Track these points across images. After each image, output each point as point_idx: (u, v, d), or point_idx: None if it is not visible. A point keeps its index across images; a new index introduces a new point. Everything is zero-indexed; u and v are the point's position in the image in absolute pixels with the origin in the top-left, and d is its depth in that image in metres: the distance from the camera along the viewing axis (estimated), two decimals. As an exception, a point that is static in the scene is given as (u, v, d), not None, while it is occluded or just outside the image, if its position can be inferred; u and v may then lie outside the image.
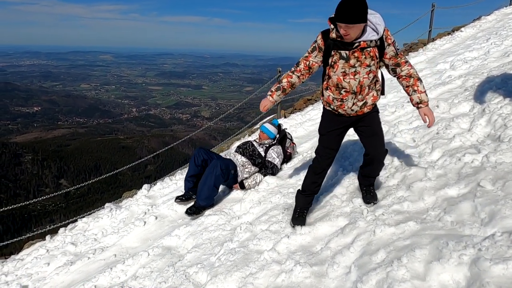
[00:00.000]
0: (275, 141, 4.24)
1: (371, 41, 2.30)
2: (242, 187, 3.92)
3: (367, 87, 2.44)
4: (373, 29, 2.28)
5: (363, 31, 2.26)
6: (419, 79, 2.52)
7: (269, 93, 2.72)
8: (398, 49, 2.46)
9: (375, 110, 2.61)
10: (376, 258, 2.01)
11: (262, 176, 3.94)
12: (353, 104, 2.48)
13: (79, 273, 3.51)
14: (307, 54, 2.53)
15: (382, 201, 2.70)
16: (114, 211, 4.39)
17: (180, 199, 3.97)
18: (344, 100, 2.47)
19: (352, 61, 2.35)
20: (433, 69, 6.33)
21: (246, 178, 3.95)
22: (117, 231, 4.02)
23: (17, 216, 48.60)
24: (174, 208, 4.12)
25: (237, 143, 5.91)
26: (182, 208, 4.08)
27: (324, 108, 2.68)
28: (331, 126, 2.62)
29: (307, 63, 2.54)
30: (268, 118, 7.74)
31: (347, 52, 2.34)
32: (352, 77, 2.38)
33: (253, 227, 3.05)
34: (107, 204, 4.69)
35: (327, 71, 2.50)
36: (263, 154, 4.08)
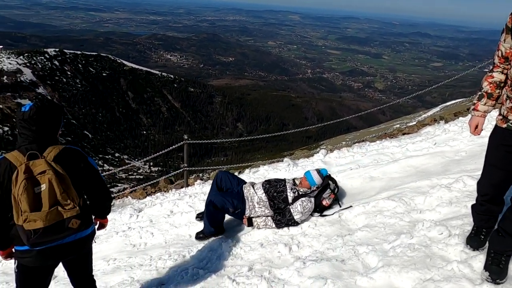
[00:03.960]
0: (311, 192, 3.58)
1: None
2: (250, 223, 3.54)
3: None
4: None
5: None
6: None
7: (472, 107, 2.17)
8: None
9: None
10: None
11: (273, 223, 3.46)
12: None
13: (257, 213, 4.03)
14: (498, 43, 1.97)
15: None
16: (291, 167, 4.75)
17: (199, 218, 4.06)
18: None
19: None
20: None
21: (258, 216, 3.54)
22: (291, 186, 4.36)
23: (203, 145, 60.64)
24: (349, 182, 4.12)
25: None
26: (357, 182, 4.10)
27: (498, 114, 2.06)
28: (497, 141, 2.03)
29: (499, 53, 1.98)
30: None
31: None
32: None
33: (440, 228, 2.71)
34: (285, 159, 5.12)
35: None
36: (290, 200, 3.50)
